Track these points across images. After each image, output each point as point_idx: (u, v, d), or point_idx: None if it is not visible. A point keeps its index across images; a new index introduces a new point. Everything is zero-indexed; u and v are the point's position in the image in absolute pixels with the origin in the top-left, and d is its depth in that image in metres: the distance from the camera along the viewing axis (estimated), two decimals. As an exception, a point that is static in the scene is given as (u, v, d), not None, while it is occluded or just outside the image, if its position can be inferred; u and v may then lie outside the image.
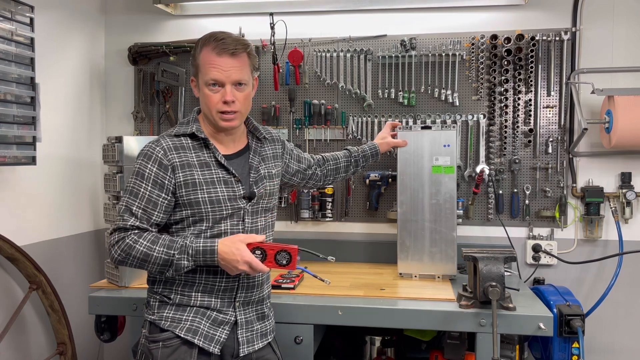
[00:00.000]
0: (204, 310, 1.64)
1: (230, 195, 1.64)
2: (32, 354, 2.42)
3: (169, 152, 1.61)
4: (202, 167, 1.63)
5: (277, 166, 1.83)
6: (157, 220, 1.61)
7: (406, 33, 2.74)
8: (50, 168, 2.54)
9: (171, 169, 1.60)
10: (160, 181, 1.59)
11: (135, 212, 1.58)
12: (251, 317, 1.71)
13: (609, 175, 2.64)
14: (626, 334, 2.64)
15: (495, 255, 1.96)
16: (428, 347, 2.34)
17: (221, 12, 2.87)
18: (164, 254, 1.55)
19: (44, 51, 2.45)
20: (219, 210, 1.63)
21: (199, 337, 1.61)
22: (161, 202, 1.60)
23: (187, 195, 1.61)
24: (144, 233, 1.58)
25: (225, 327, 1.65)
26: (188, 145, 1.65)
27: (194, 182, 1.61)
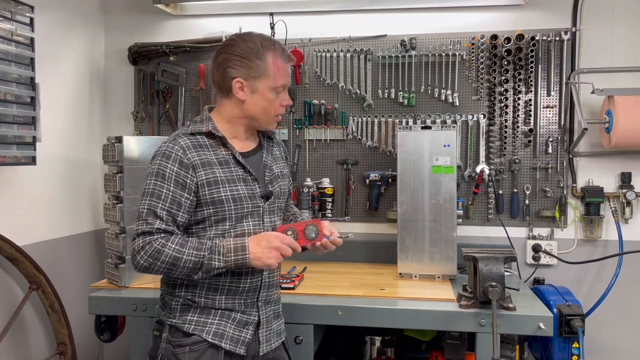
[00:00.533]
0: (228, 312, 1.63)
1: (249, 194, 1.63)
2: (32, 354, 2.42)
3: (188, 150, 1.57)
4: (221, 164, 1.61)
5: (286, 167, 1.84)
6: (182, 221, 1.57)
7: (406, 33, 2.74)
8: (50, 168, 2.54)
9: (192, 167, 1.56)
10: (182, 180, 1.55)
11: (160, 214, 1.53)
12: (270, 316, 1.72)
13: (609, 175, 2.64)
14: (626, 334, 2.64)
15: (495, 255, 1.96)
16: (428, 347, 2.34)
17: (221, 12, 2.87)
18: (193, 256, 1.51)
19: (44, 51, 2.45)
20: (240, 209, 1.61)
21: (226, 340, 1.60)
22: (184, 202, 1.55)
23: (210, 194, 1.57)
24: (171, 236, 1.53)
25: (250, 328, 1.65)
26: (205, 143, 1.62)
27: (215, 180, 1.58)
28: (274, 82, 1.62)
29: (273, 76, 1.62)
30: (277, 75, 1.62)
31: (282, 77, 1.64)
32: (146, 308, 2.12)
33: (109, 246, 2.32)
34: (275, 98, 1.65)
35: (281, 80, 1.63)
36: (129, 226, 2.25)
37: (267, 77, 1.61)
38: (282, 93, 1.67)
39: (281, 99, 1.67)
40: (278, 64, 1.62)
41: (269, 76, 1.61)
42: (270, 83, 1.62)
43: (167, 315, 1.63)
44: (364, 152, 2.80)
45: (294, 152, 2.85)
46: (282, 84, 1.64)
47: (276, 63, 1.62)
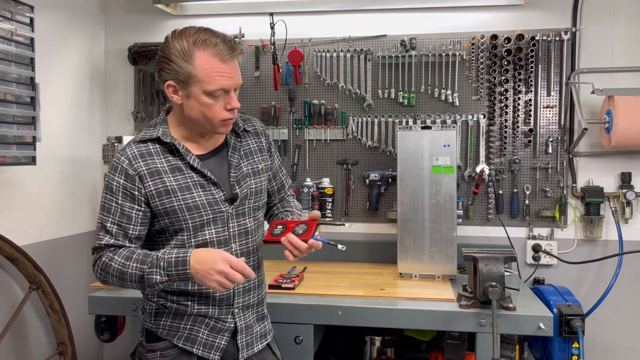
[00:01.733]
0: (202, 318, 1.56)
1: (209, 200, 1.52)
2: (32, 354, 2.42)
3: (134, 160, 1.48)
4: (173, 172, 1.50)
5: (264, 160, 1.67)
6: (135, 234, 1.49)
7: (406, 33, 2.74)
8: (50, 168, 2.54)
9: (138, 178, 1.47)
10: (129, 192, 1.47)
11: (109, 228, 1.48)
12: (251, 321, 1.63)
13: (609, 175, 2.64)
14: (626, 334, 2.64)
15: (495, 255, 1.96)
16: (428, 347, 2.34)
17: (221, 12, 2.87)
18: (137, 270, 1.43)
19: (44, 51, 2.45)
20: (198, 217, 1.50)
21: (198, 345, 1.55)
22: (135, 215, 1.48)
23: (162, 205, 1.48)
24: (118, 250, 1.47)
25: (225, 334, 1.57)
26: (156, 150, 1.51)
27: (166, 189, 1.48)
28: (206, 86, 1.43)
29: (204, 79, 1.43)
30: (209, 79, 1.43)
31: (216, 80, 1.43)
32: (146, 308, 2.11)
33: (109, 246, 2.32)
34: (215, 102, 1.46)
35: (215, 84, 1.43)
36: (129, 226, 2.24)
37: (197, 82, 1.43)
38: (226, 96, 1.47)
39: (225, 102, 1.47)
40: (210, 65, 1.42)
41: (199, 80, 1.43)
42: (201, 87, 1.44)
43: (145, 319, 1.60)
44: (364, 152, 2.80)
45: (294, 152, 2.85)
46: (217, 87, 1.43)
47: (208, 65, 1.42)
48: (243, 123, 1.65)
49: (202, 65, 1.43)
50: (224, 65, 1.44)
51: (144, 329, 1.61)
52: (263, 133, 1.70)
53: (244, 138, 1.64)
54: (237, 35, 2.83)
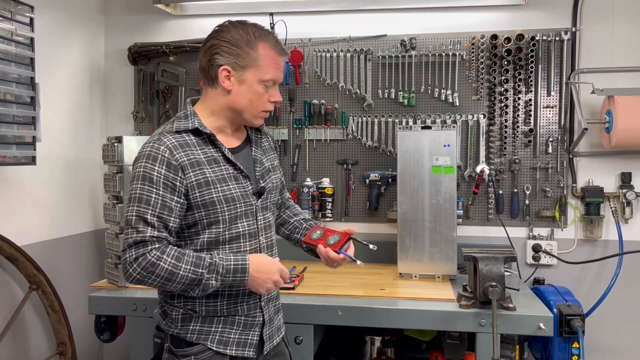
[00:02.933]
0: (231, 318, 1.55)
1: (242, 192, 1.53)
2: (32, 354, 2.42)
3: (175, 150, 1.46)
4: (210, 163, 1.50)
5: (275, 158, 1.74)
6: (174, 226, 1.46)
7: (406, 33, 2.74)
8: (50, 168, 2.54)
9: (181, 169, 1.45)
10: (171, 183, 1.44)
11: (150, 220, 1.41)
12: (272, 314, 1.66)
13: (609, 175, 2.64)
14: (626, 334, 2.64)
15: (495, 255, 1.96)
16: (428, 347, 2.34)
17: (221, 12, 2.87)
18: (191, 273, 1.41)
19: (44, 51, 2.45)
20: (234, 209, 1.52)
21: (231, 346, 1.54)
22: (175, 207, 1.44)
23: (202, 196, 1.47)
24: (166, 248, 1.43)
25: (256, 329, 1.59)
26: (192, 141, 1.50)
27: (206, 180, 1.48)
28: (264, 75, 1.50)
29: (263, 68, 1.50)
30: (268, 68, 1.51)
31: (272, 70, 1.52)
32: (146, 308, 2.12)
33: (109, 246, 2.32)
34: (264, 92, 1.52)
35: (271, 73, 1.51)
36: (129, 226, 2.24)
37: (256, 68, 1.50)
38: (272, 88, 1.55)
39: (270, 94, 1.55)
40: (270, 55, 1.51)
41: (258, 67, 1.50)
42: (259, 75, 1.50)
43: (169, 325, 1.56)
44: (364, 152, 2.80)
45: (294, 152, 2.85)
46: (272, 77, 1.52)
47: (268, 54, 1.51)
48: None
49: (265, 54, 1.51)
50: (280, 59, 1.54)
51: (169, 335, 1.56)
52: (267, 133, 1.77)
53: (260, 136, 1.70)
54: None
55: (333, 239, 1.65)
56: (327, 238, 1.66)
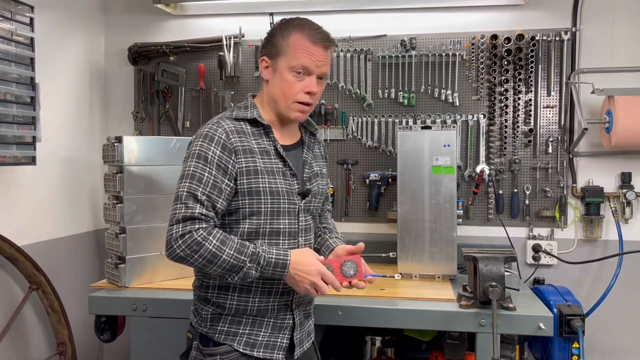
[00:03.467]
0: (260, 319, 1.55)
1: (287, 189, 1.54)
2: (32, 354, 2.42)
3: (231, 134, 1.49)
4: (262, 154, 1.52)
5: (324, 166, 1.74)
6: (222, 208, 1.47)
7: (406, 33, 2.74)
8: (50, 168, 2.54)
9: (234, 153, 1.48)
10: (224, 165, 1.46)
11: (200, 198, 1.42)
12: (302, 318, 1.63)
13: (609, 175, 2.64)
14: (626, 334, 2.64)
15: (495, 255, 1.96)
16: (428, 347, 2.34)
17: (221, 12, 2.87)
18: (233, 259, 1.42)
19: (44, 51, 2.45)
20: (276, 203, 1.51)
21: (258, 348, 1.53)
22: (225, 189, 1.46)
23: (249, 183, 1.48)
24: (212, 230, 1.44)
25: (286, 332, 1.57)
26: (248, 130, 1.53)
27: (255, 169, 1.49)
28: (292, 61, 1.50)
29: (292, 54, 1.51)
30: (296, 55, 1.50)
31: (302, 56, 1.50)
32: (146, 308, 2.12)
33: (109, 246, 2.32)
34: (296, 81, 1.51)
35: (300, 60, 1.50)
36: (129, 226, 2.25)
37: (285, 56, 1.51)
38: (308, 78, 1.52)
39: (305, 85, 1.52)
40: (301, 43, 1.51)
41: (287, 54, 1.51)
42: (288, 62, 1.51)
43: (199, 323, 1.57)
44: (364, 152, 2.80)
45: (294, 152, 2.85)
46: (301, 63, 1.50)
47: (299, 42, 1.51)
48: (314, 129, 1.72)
49: (294, 42, 1.52)
50: (313, 47, 1.51)
51: (198, 333, 1.57)
52: (320, 141, 1.79)
53: (313, 142, 1.71)
54: (237, 35, 2.83)
55: (351, 269, 1.55)
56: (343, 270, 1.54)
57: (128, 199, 2.24)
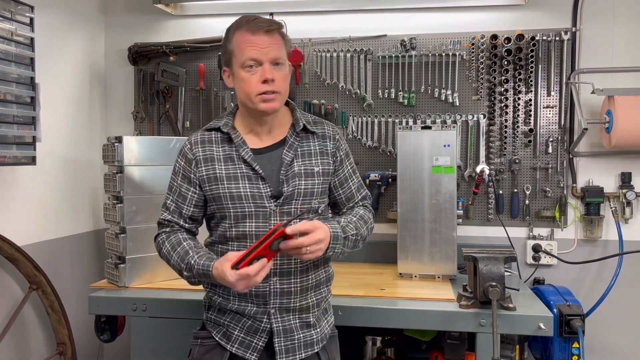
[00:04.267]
0: (239, 316, 1.59)
1: (254, 193, 1.54)
2: (32, 354, 2.42)
3: (195, 146, 1.61)
4: (226, 161, 1.58)
5: (323, 164, 1.63)
6: (187, 213, 1.62)
7: (406, 33, 2.74)
8: (50, 168, 2.54)
9: (195, 162, 1.60)
10: (187, 175, 1.61)
11: (169, 205, 1.64)
12: (292, 325, 1.58)
13: (609, 175, 2.64)
14: (626, 334, 2.64)
15: (495, 255, 1.96)
16: (428, 347, 2.34)
17: (221, 12, 2.86)
18: (177, 265, 1.57)
19: (44, 51, 2.45)
20: (240, 208, 1.54)
21: (233, 342, 1.58)
22: (190, 196, 1.61)
23: (211, 190, 1.58)
24: (172, 235, 1.62)
25: (262, 335, 1.57)
26: (217, 139, 1.61)
27: (215, 176, 1.57)
28: (240, 58, 1.51)
29: (238, 53, 1.52)
30: (242, 51, 1.51)
31: (246, 50, 1.50)
32: (146, 308, 2.12)
33: (109, 246, 2.32)
34: (250, 76, 1.51)
35: (246, 53, 1.50)
36: (129, 226, 2.25)
37: (235, 57, 1.54)
38: (260, 68, 1.51)
39: (259, 75, 1.51)
40: (243, 38, 1.52)
41: (236, 55, 1.53)
42: (238, 61, 1.52)
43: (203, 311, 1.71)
44: (364, 152, 2.80)
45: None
46: (248, 57, 1.50)
47: (241, 39, 1.52)
48: (311, 125, 1.65)
49: (237, 40, 1.54)
50: (254, 37, 1.51)
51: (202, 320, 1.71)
52: (332, 138, 1.66)
53: (306, 139, 1.64)
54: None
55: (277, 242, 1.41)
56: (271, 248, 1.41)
57: (128, 199, 2.24)
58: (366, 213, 1.72)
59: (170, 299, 2.12)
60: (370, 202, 1.79)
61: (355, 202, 1.73)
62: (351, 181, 1.71)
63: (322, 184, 1.63)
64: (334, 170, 1.67)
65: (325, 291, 1.69)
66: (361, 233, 1.63)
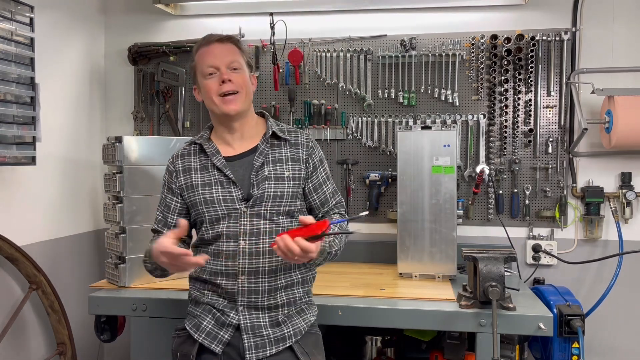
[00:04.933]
0: (210, 308, 1.68)
1: (226, 197, 1.67)
2: (32, 354, 2.42)
3: (176, 159, 1.76)
4: (202, 170, 1.72)
5: (294, 169, 1.71)
6: (172, 221, 1.73)
7: (406, 33, 2.74)
8: (50, 168, 2.54)
9: (175, 173, 1.75)
10: (170, 186, 1.76)
11: (157, 216, 1.78)
12: (260, 323, 1.64)
13: (609, 175, 2.64)
14: (626, 334, 2.64)
15: (495, 255, 1.96)
16: (428, 347, 2.34)
17: (221, 12, 2.87)
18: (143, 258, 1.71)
19: (44, 51, 2.45)
20: (214, 211, 1.67)
21: (200, 332, 1.65)
22: (174, 205, 1.75)
23: (189, 197, 1.71)
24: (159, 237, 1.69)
25: (229, 329, 1.64)
26: (194, 151, 1.76)
27: (191, 184, 1.71)
28: (201, 69, 1.68)
29: (199, 65, 1.69)
30: (201, 62, 1.68)
31: (204, 60, 1.67)
32: (146, 308, 2.12)
33: (109, 246, 2.32)
34: (210, 82, 1.67)
35: (204, 62, 1.67)
36: (129, 226, 2.25)
37: (198, 70, 1.70)
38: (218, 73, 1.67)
39: (218, 78, 1.67)
40: (201, 52, 1.69)
41: (198, 68, 1.70)
42: (201, 72, 1.69)
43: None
44: (364, 152, 2.80)
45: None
46: (206, 64, 1.67)
47: (200, 53, 1.70)
48: (284, 133, 1.75)
49: (197, 55, 1.72)
50: (209, 47, 1.69)
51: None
52: (305, 145, 1.76)
53: (277, 146, 1.74)
54: (237, 35, 2.83)
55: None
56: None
57: (128, 199, 2.24)
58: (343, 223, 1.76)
59: (170, 299, 2.12)
60: (344, 210, 1.85)
61: (329, 206, 1.80)
62: (325, 187, 1.79)
63: (293, 188, 1.71)
64: (307, 175, 1.75)
65: (300, 292, 1.73)
66: (341, 246, 1.73)
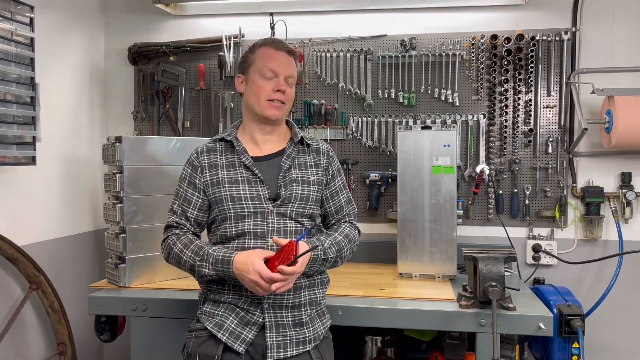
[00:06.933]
0: (233, 307, 1.66)
1: (253, 195, 1.68)
2: (32, 354, 2.42)
3: (201, 154, 1.76)
4: (228, 167, 1.73)
5: (317, 174, 1.78)
6: (192, 216, 1.73)
7: (406, 33, 2.74)
8: (50, 168, 2.54)
9: (200, 169, 1.74)
10: (193, 181, 1.74)
11: (175, 209, 1.75)
12: (284, 322, 1.65)
13: (609, 175, 2.64)
14: (626, 334, 2.64)
15: (495, 255, 1.96)
16: (428, 347, 2.34)
17: (221, 12, 2.87)
18: (190, 259, 1.64)
19: (44, 51, 2.45)
20: (240, 208, 1.67)
21: (224, 332, 1.63)
22: (195, 200, 1.73)
23: (214, 194, 1.70)
24: (182, 235, 1.70)
25: (253, 328, 1.63)
26: (220, 148, 1.76)
27: (217, 180, 1.71)
28: (260, 67, 1.71)
29: (259, 62, 1.71)
30: (263, 61, 1.71)
31: (267, 61, 1.70)
32: (146, 308, 2.12)
33: (109, 246, 2.32)
34: (265, 83, 1.70)
35: (267, 64, 1.70)
36: (129, 226, 2.25)
37: (254, 65, 1.72)
38: (276, 79, 1.71)
39: (274, 84, 1.71)
40: (267, 52, 1.73)
41: (256, 63, 1.72)
42: (257, 69, 1.71)
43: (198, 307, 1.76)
44: (364, 152, 2.80)
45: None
46: (268, 67, 1.70)
47: (265, 52, 1.73)
48: (307, 140, 1.81)
49: (260, 52, 1.74)
50: (276, 52, 1.73)
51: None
52: (325, 154, 1.83)
53: (302, 152, 1.79)
54: (237, 35, 2.83)
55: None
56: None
57: (128, 199, 2.24)
58: (352, 231, 1.81)
59: (170, 299, 2.12)
60: (356, 219, 1.87)
61: (343, 214, 1.83)
62: (341, 195, 1.84)
63: (317, 192, 1.77)
64: (326, 182, 1.81)
65: (320, 293, 1.76)
66: (343, 253, 1.73)
